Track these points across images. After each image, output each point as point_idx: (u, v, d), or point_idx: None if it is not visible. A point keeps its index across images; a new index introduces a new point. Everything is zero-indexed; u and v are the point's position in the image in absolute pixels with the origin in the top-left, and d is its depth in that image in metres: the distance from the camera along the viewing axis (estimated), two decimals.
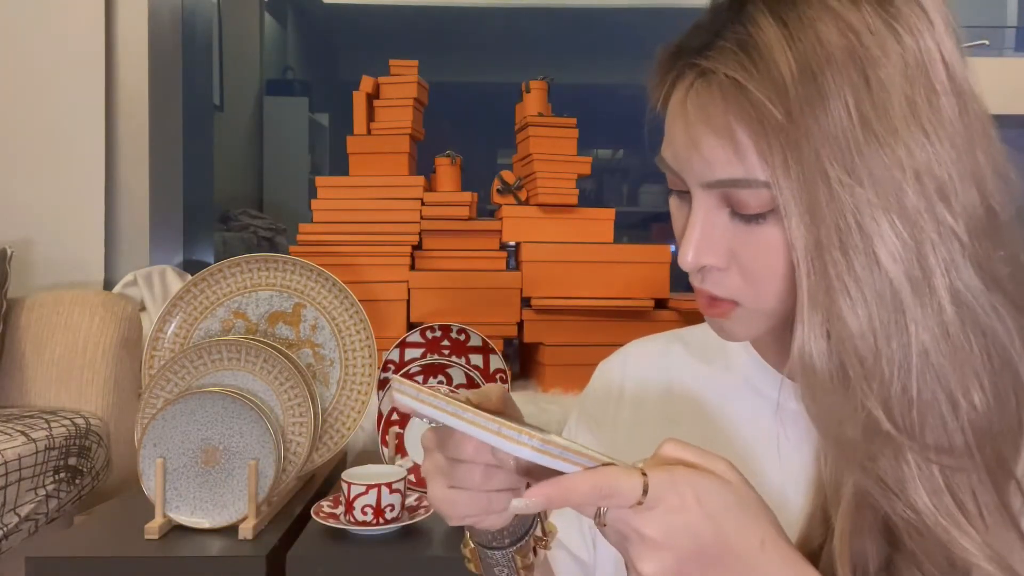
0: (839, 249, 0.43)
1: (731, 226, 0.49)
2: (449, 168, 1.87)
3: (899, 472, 0.44)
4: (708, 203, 0.49)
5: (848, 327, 0.43)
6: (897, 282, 0.43)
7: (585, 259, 1.78)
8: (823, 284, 0.44)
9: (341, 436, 1.23)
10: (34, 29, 2.01)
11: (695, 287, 0.53)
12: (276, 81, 4.05)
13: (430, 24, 4.55)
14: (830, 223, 0.43)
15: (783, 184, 0.44)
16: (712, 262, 0.49)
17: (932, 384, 0.44)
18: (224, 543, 1.01)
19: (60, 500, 1.46)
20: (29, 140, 2.01)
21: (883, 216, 0.43)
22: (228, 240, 2.99)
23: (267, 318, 1.23)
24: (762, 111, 0.43)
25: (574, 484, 0.40)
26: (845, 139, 0.42)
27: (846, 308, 0.43)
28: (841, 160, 0.42)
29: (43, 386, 1.70)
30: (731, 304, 0.51)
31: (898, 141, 0.42)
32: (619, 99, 5.08)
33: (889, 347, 0.43)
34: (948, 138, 0.43)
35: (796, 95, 0.42)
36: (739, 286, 0.50)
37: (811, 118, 0.42)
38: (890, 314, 0.43)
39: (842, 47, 0.42)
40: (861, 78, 0.42)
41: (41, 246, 2.00)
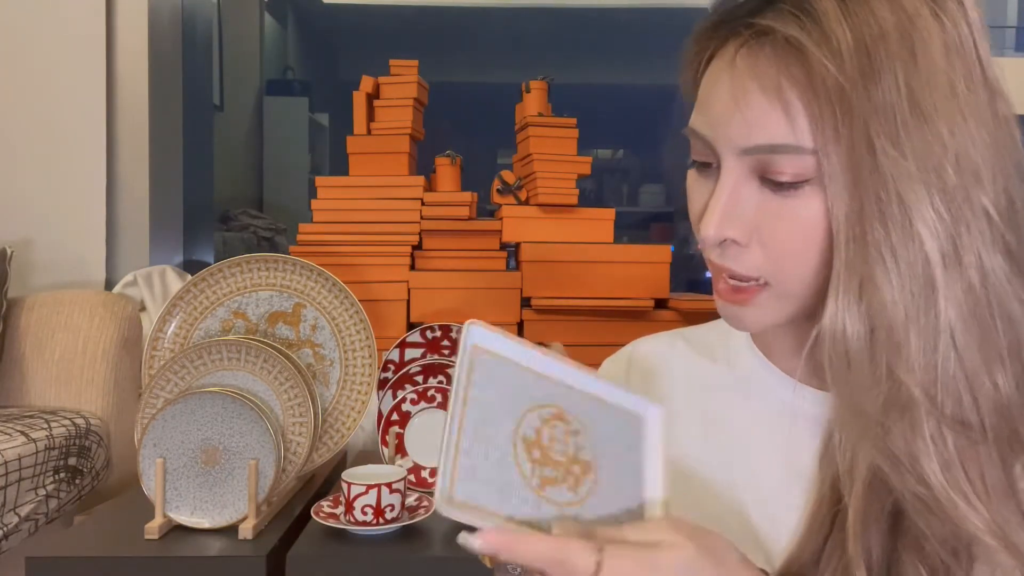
0: (879, 219, 0.44)
1: (759, 198, 0.48)
2: (449, 168, 1.87)
3: (914, 446, 0.44)
4: (739, 172, 0.48)
5: (883, 296, 0.44)
6: (931, 257, 0.44)
7: (585, 259, 1.78)
8: (861, 253, 0.44)
9: (341, 436, 1.23)
10: (34, 29, 2.01)
11: (714, 265, 0.51)
12: (276, 81, 4.05)
13: (430, 24, 4.55)
14: (872, 193, 0.44)
15: (831, 151, 0.44)
16: (734, 235, 0.48)
17: (955, 361, 0.44)
18: (224, 543, 1.01)
19: (60, 500, 1.46)
20: (29, 140, 2.01)
21: (923, 191, 0.44)
22: (228, 240, 2.99)
23: (267, 318, 1.23)
24: (819, 75, 0.44)
25: (529, 544, 0.40)
26: (892, 113, 0.43)
27: (882, 277, 0.44)
28: (888, 132, 0.43)
29: (43, 386, 1.70)
30: (755, 289, 0.50)
31: (940, 120, 0.44)
32: (619, 99, 5.10)
33: (918, 320, 0.44)
34: (982, 125, 0.45)
35: (851, 64, 0.43)
36: (760, 263, 0.49)
37: (863, 89, 0.43)
38: (921, 288, 0.44)
39: (893, 24, 0.44)
40: (910, 56, 0.44)
41: (41, 246, 2.00)
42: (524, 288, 1.78)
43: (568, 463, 0.45)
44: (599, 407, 0.47)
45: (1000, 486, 0.45)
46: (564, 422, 0.46)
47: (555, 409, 0.46)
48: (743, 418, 0.58)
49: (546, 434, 0.45)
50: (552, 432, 0.45)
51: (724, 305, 0.53)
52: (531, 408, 0.45)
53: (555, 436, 0.45)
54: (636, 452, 0.48)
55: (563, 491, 0.45)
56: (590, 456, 0.46)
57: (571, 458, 0.45)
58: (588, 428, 0.46)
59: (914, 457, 0.45)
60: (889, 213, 0.44)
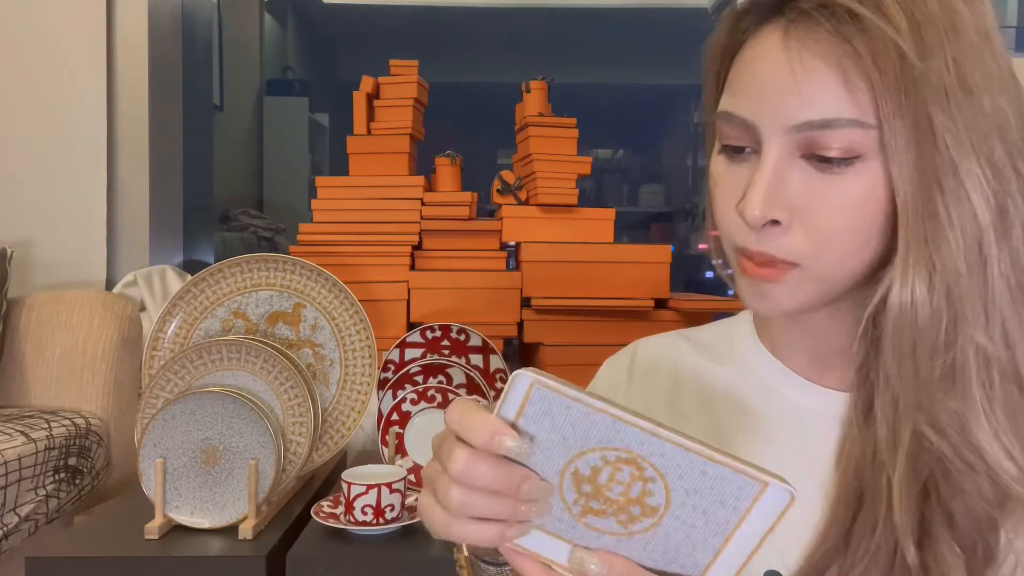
0: (939, 191, 0.45)
1: (803, 177, 0.47)
2: (449, 168, 1.87)
3: (965, 410, 0.46)
4: (784, 151, 0.48)
5: (947, 266, 0.45)
6: (983, 226, 0.46)
7: (585, 259, 1.78)
8: (927, 225, 0.45)
9: (341, 436, 1.23)
10: (34, 30, 2.01)
11: (749, 251, 0.50)
12: (276, 81, 4.05)
13: (430, 24, 4.55)
14: (933, 166, 0.45)
15: (897, 125, 0.45)
16: (780, 215, 0.48)
17: (1002, 328, 0.47)
18: (224, 543, 1.01)
19: (60, 500, 1.46)
20: (29, 140, 2.01)
21: (975, 164, 0.45)
22: (228, 240, 2.99)
23: (267, 318, 1.23)
24: (883, 49, 0.45)
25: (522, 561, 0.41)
26: (944, 87, 0.45)
27: (945, 249, 0.45)
28: (943, 107, 0.45)
29: (43, 386, 1.70)
30: (786, 266, 0.49)
31: (983, 94, 0.46)
32: (619, 99, 5.10)
33: (973, 290, 0.46)
34: (1011, 100, 0.47)
35: (909, 41, 0.45)
36: (802, 246, 0.48)
37: (922, 64, 0.45)
38: (976, 258, 0.46)
39: (936, 6, 0.46)
40: (954, 35, 0.46)
41: (41, 246, 2.00)
42: (524, 288, 1.78)
43: (626, 503, 0.41)
44: (697, 463, 0.39)
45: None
46: (635, 467, 0.40)
47: (627, 454, 0.39)
48: (753, 418, 0.58)
49: (605, 474, 0.40)
50: (613, 473, 0.40)
51: (750, 282, 0.51)
52: (594, 449, 0.40)
53: (616, 478, 0.40)
54: (732, 513, 0.40)
55: (610, 522, 0.41)
56: (660, 502, 0.40)
57: (631, 499, 0.40)
58: (669, 477, 0.40)
59: (964, 421, 0.46)
60: (947, 185, 0.45)
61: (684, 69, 5.08)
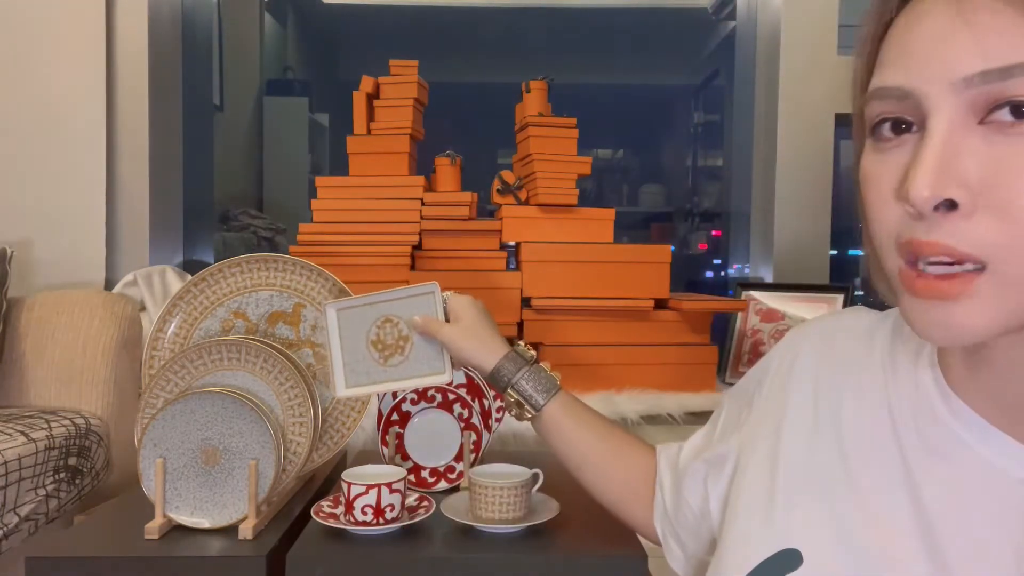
0: None
1: (986, 148, 0.38)
2: (449, 168, 1.87)
3: None
4: (955, 114, 0.39)
5: None
6: None
7: (585, 259, 1.78)
8: None
9: (341, 436, 1.23)
10: (34, 29, 2.01)
11: (918, 243, 0.40)
12: (276, 81, 4.05)
13: (430, 24, 4.55)
14: None
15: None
16: (958, 195, 0.38)
17: None
18: (224, 543, 1.01)
19: (60, 500, 1.46)
20: (29, 140, 2.01)
21: None
22: (228, 240, 2.99)
23: (267, 318, 1.23)
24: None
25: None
26: None
27: None
28: None
29: (43, 386, 1.70)
30: (971, 276, 0.38)
31: None
32: (619, 99, 5.09)
33: None
34: None
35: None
36: (994, 234, 0.38)
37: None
38: None
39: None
40: None
41: (41, 246, 2.00)
42: (524, 288, 1.78)
43: (396, 341, 0.98)
44: (407, 301, 0.99)
45: None
46: (390, 322, 0.98)
47: (383, 317, 0.99)
48: (934, 483, 0.47)
49: (383, 333, 0.99)
50: (385, 330, 0.99)
51: (927, 306, 0.40)
52: (372, 323, 0.99)
53: (387, 331, 0.98)
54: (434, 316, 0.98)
55: (396, 357, 0.98)
56: (407, 331, 0.98)
57: (398, 338, 0.98)
58: (403, 316, 0.98)
59: None
60: None
61: (684, 69, 5.10)
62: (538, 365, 0.91)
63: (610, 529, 1.03)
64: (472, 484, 1.05)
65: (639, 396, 1.68)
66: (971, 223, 0.38)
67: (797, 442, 0.55)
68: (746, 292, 2.04)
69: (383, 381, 0.98)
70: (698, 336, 1.76)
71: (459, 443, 1.27)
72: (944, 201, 0.38)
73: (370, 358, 0.98)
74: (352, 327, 0.99)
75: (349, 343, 0.99)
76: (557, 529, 1.04)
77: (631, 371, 1.73)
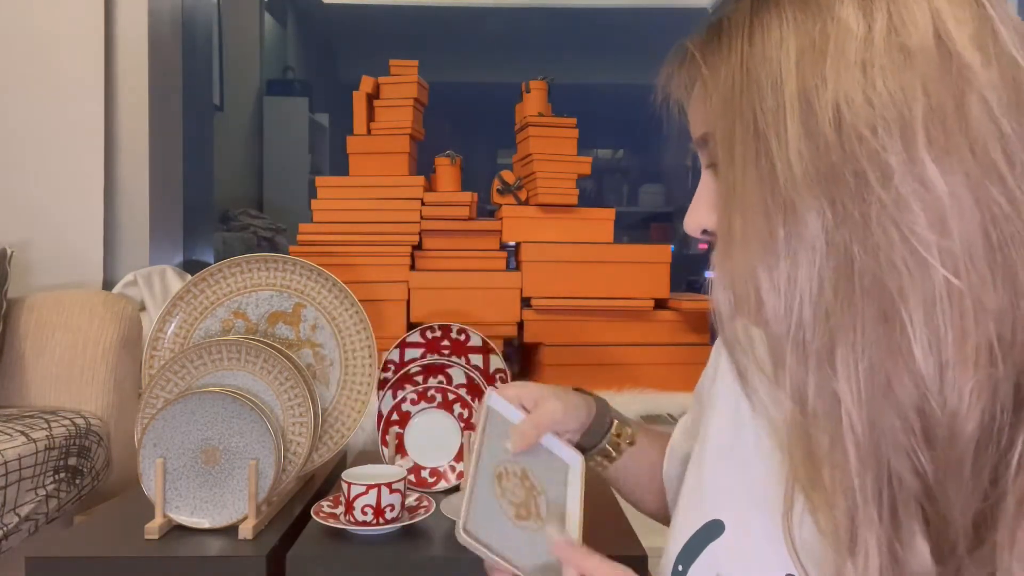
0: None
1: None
2: (449, 168, 1.87)
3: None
4: (704, 166, 0.55)
5: None
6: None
7: (585, 259, 1.78)
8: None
9: (341, 436, 1.23)
10: (34, 29, 2.01)
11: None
12: (276, 81, 4.05)
13: (430, 24, 4.55)
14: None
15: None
16: (711, 226, 0.54)
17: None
18: (224, 543, 1.01)
19: (60, 500, 1.46)
20: (29, 140, 2.01)
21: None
22: (228, 240, 2.99)
23: (267, 318, 1.23)
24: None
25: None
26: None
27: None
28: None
29: (43, 386, 1.70)
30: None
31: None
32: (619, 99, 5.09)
33: None
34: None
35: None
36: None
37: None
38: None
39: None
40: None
41: (41, 246, 2.00)
42: (524, 288, 1.78)
43: (522, 484, 0.66)
44: (487, 438, 0.68)
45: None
46: (502, 477, 0.66)
47: (496, 480, 0.65)
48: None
49: (511, 496, 0.65)
50: (508, 490, 0.65)
51: None
52: (498, 501, 0.64)
53: (509, 488, 0.65)
54: (508, 424, 0.70)
55: (541, 501, 0.66)
56: (517, 466, 0.67)
57: (520, 481, 0.66)
58: (499, 456, 0.67)
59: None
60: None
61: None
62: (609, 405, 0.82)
63: (610, 529, 1.04)
64: None
65: (639, 396, 1.68)
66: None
67: (722, 426, 0.62)
68: None
69: (561, 534, 0.63)
70: (698, 336, 1.76)
71: (459, 443, 1.27)
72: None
73: (533, 533, 0.63)
74: (494, 524, 0.63)
75: (510, 542, 0.62)
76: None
77: (631, 371, 1.73)
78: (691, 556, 0.58)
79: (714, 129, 0.51)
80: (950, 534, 0.44)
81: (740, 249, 0.48)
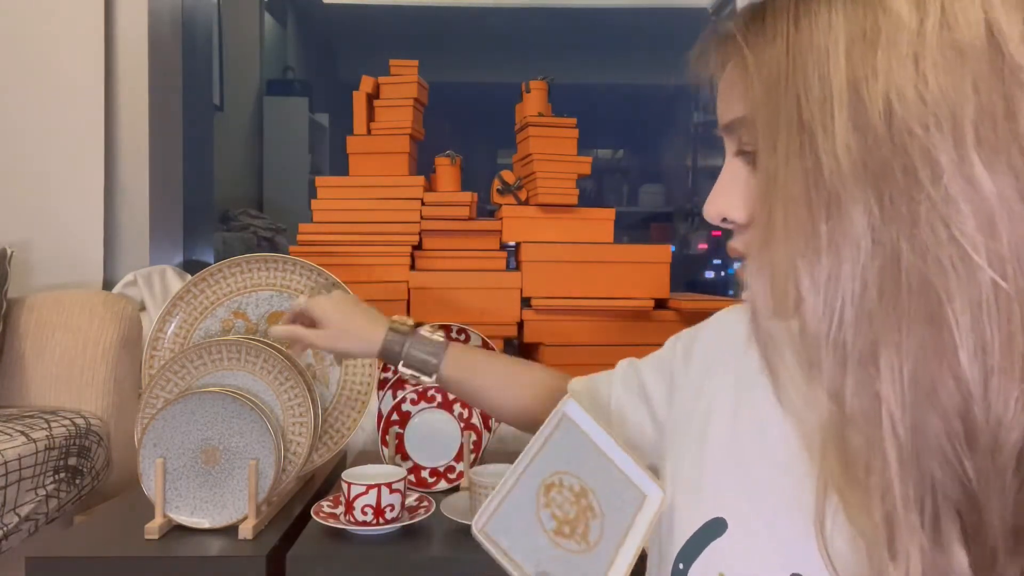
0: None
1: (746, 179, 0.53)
2: (449, 168, 1.87)
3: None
4: (729, 151, 0.54)
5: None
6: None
7: (585, 259, 1.78)
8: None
9: (341, 436, 1.23)
10: (34, 29, 2.01)
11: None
12: (276, 81, 4.05)
13: (430, 24, 4.55)
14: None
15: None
16: (734, 215, 0.54)
17: None
18: (224, 543, 1.01)
19: (60, 500, 1.46)
20: (29, 140, 2.01)
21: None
22: (228, 240, 2.99)
23: (267, 318, 1.23)
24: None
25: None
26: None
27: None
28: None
29: (43, 386, 1.70)
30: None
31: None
32: (619, 99, 5.09)
33: None
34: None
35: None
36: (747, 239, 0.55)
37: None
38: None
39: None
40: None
41: (41, 246, 2.00)
42: (524, 288, 1.78)
43: (577, 503, 0.61)
44: (549, 447, 0.63)
45: None
46: (553, 488, 0.61)
47: (542, 488, 0.61)
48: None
49: (556, 510, 0.61)
50: (555, 502, 0.61)
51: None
52: (536, 509, 0.60)
53: (558, 501, 0.61)
54: (586, 440, 0.64)
55: (594, 526, 0.60)
56: (578, 483, 0.62)
57: (575, 499, 0.61)
58: (560, 468, 0.62)
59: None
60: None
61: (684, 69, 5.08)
62: (418, 332, 0.92)
63: None
64: (472, 484, 1.05)
65: None
66: (745, 234, 0.54)
67: (721, 424, 0.62)
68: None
69: (611, 564, 0.60)
70: None
71: (459, 443, 1.27)
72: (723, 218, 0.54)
73: (571, 554, 0.60)
74: (524, 532, 0.61)
75: (537, 554, 0.60)
76: None
77: None
78: (692, 554, 0.57)
79: (755, 116, 0.49)
80: (989, 541, 0.43)
81: (781, 243, 0.46)
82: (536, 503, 0.61)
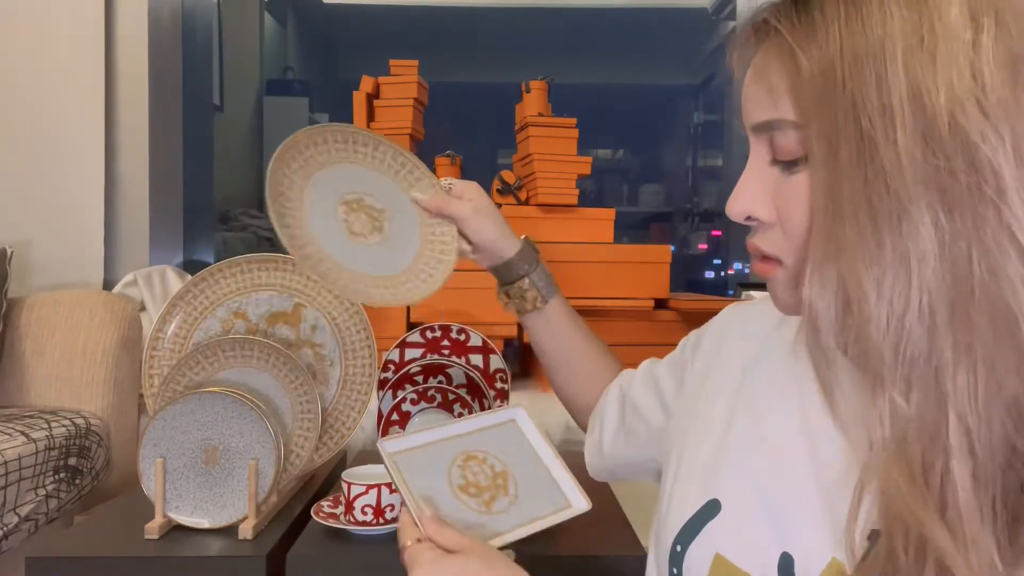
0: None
1: (775, 180, 0.52)
2: (449, 168, 1.87)
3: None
4: (757, 150, 0.53)
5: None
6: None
7: (585, 259, 1.78)
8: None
9: (341, 436, 1.23)
10: (34, 29, 2.01)
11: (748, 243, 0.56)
12: (276, 81, 4.05)
13: (430, 24, 4.55)
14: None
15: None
16: (759, 214, 0.53)
17: None
18: (224, 543, 1.01)
19: (60, 500, 1.46)
20: (29, 140, 2.01)
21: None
22: (228, 240, 2.99)
23: (267, 318, 1.22)
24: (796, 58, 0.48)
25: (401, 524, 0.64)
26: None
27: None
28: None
29: (43, 386, 1.70)
30: (775, 264, 0.53)
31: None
32: (619, 99, 5.09)
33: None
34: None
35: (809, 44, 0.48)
36: (780, 243, 0.52)
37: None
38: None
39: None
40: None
41: (41, 246, 2.00)
42: None
43: (494, 479, 0.70)
44: (486, 433, 0.73)
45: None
46: (474, 459, 0.71)
47: (462, 455, 0.70)
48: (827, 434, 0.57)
49: (470, 474, 0.69)
50: (470, 469, 0.70)
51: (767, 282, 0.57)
52: (449, 464, 0.69)
53: (474, 470, 0.70)
54: (526, 444, 0.74)
55: (502, 501, 0.69)
56: (502, 466, 0.72)
57: (494, 476, 0.70)
58: (490, 450, 0.72)
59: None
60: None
61: (684, 69, 5.10)
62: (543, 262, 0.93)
63: (610, 529, 1.04)
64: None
65: None
66: (770, 231, 0.53)
67: (720, 409, 0.64)
68: (746, 292, 2.04)
69: (503, 532, 0.68)
70: None
71: None
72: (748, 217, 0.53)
73: (466, 508, 0.68)
74: (425, 473, 0.69)
75: (431, 493, 0.68)
76: (557, 529, 1.04)
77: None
78: (690, 536, 0.59)
79: (807, 121, 0.48)
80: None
81: (845, 255, 0.45)
82: (451, 462, 0.69)
